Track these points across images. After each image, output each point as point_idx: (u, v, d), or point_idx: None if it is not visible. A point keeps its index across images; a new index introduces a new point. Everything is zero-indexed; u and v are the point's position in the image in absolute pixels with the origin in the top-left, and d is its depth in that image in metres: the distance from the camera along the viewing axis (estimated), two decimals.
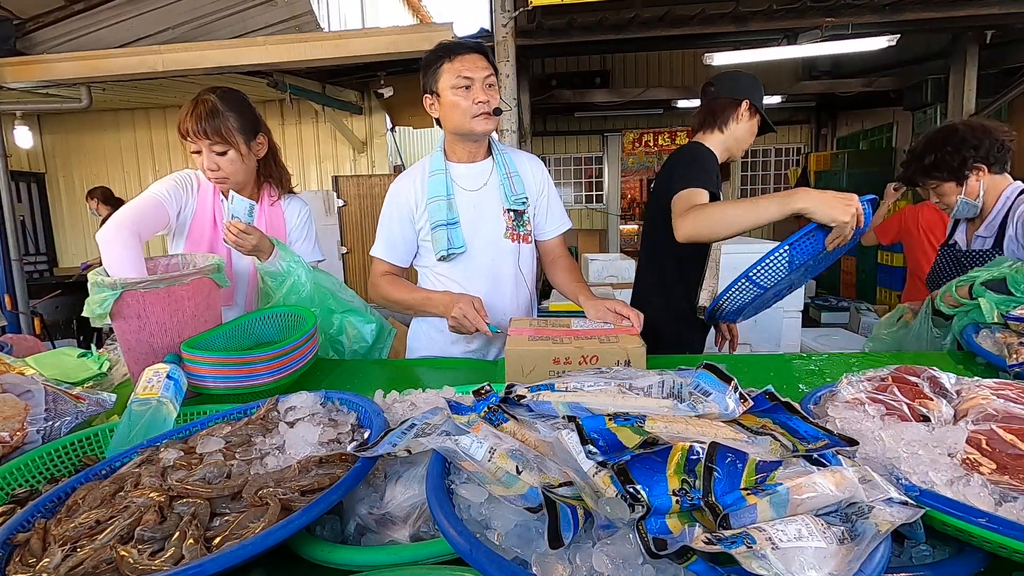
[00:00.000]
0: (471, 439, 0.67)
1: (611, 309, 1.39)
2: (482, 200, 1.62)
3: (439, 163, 1.61)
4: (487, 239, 1.62)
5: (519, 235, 1.65)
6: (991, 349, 1.23)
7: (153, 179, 1.54)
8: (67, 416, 1.00)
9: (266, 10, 4.37)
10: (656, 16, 4.21)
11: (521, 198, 1.63)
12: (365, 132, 6.50)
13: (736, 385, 0.75)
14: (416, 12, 9.89)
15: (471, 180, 1.62)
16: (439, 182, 1.58)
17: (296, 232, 1.70)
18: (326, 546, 0.65)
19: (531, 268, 1.73)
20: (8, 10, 4.46)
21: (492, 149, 1.67)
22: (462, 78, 1.47)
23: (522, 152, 1.77)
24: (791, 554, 0.45)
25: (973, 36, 5.24)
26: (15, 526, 0.66)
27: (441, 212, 1.57)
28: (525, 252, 1.68)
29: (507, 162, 1.65)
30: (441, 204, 1.57)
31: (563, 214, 1.77)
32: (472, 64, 1.48)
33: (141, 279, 1.22)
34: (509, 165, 1.64)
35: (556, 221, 1.75)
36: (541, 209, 1.72)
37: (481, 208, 1.62)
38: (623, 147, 9.35)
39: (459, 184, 1.61)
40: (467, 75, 1.47)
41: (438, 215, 1.57)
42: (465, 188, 1.61)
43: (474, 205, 1.61)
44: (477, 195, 1.62)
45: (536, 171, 1.71)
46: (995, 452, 0.66)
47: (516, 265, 1.66)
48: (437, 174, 1.60)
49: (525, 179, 1.66)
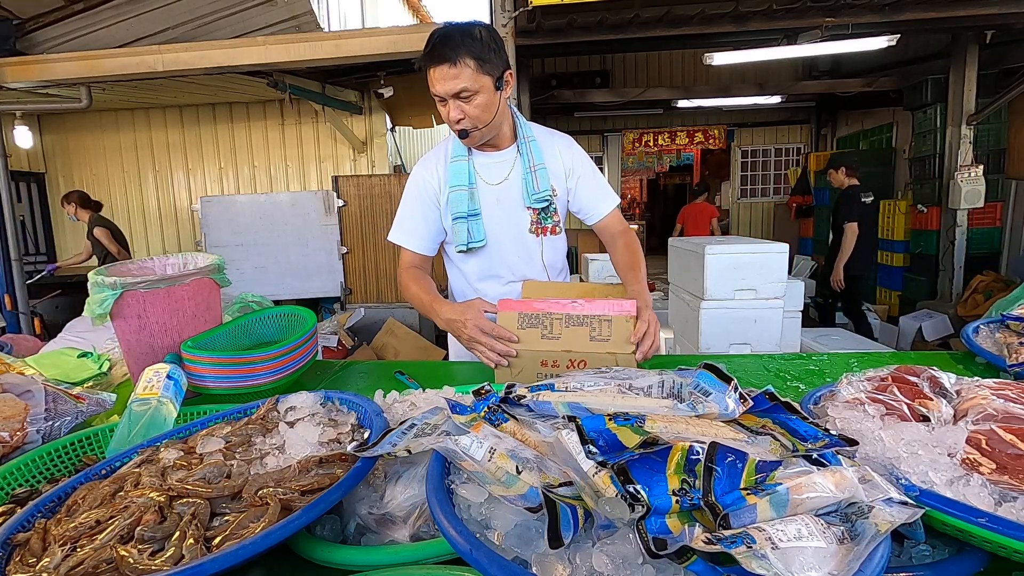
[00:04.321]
0: (471, 439, 0.67)
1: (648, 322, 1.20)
2: (505, 195, 1.54)
3: (461, 147, 1.51)
4: (510, 234, 1.56)
5: (544, 228, 1.57)
6: (991, 349, 1.23)
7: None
8: (67, 416, 1.00)
9: (266, 10, 4.37)
10: (656, 16, 4.21)
11: (543, 195, 1.52)
12: (365, 132, 6.50)
13: (736, 385, 0.75)
14: (416, 12, 9.89)
15: (493, 172, 1.54)
16: (461, 169, 1.50)
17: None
18: (326, 546, 0.65)
19: (558, 260, 1.66)
20: (8, 10, 4.46)
21: (517, 133, 1.55)
22: (435, 94, 1.37)
23: (553, 133, 1.62)
24: (791, 554, 0.45)
25: (973, 36, 5.24)
26: (15, 526, 0.66)
27: (462, 203, 1.50)
28: (549, 244, 1.60)
29: (532, 153, 1.53)
30: (462, 194, 1.50)
31: (605, 191, 1.61)
32: (440, 78, 1.34)
33: (141, 279, 1.23)
34: (535, 156, 1.53)
35: (597, 200, 1.60)
36: (577, 191, 1.58)
37: (504, 203, 1.54)
38: (623, 147, 9.34)
39: (481, 176, 1.54)
40: (436, 92, 1.36)
41: (459, 206, 1.50)
42: (487, 181, 1.54)
43: (497, 200, 1.54)
44: (499, 189, 1.54)
45: (565, 154, 1.58)
46: (995, 452, 0.66)
47: (540, 259, 1.60)
48: (459, 160, 1.51)
49: (550, 166, 1.54)
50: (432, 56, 1.33)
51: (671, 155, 12.84)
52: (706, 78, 8.20)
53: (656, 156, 12.79)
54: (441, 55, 1.32)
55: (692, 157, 12.94)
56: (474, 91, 1.35)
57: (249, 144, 6.74)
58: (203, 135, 6.77)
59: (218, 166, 6.83)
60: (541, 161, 1.53)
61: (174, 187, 6.90)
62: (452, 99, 1.36)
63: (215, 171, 6.84)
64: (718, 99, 7.67)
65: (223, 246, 5.62)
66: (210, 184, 6.85)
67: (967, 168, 5.48)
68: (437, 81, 1.34)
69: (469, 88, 1.34)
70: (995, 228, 5.90)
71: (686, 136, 9.20)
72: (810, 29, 4.45)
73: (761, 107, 8.48)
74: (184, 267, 1.41)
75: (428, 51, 1.34)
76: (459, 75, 1.33)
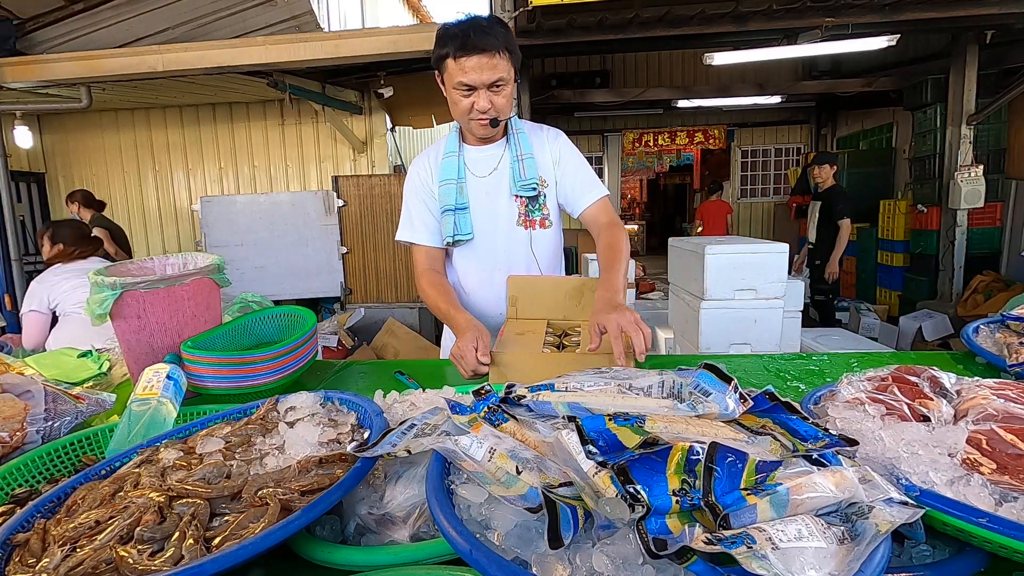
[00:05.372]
0: (471, 439, 0.67)
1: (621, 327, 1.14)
2: (493, 187, 1.56)
3: (453, 144, 1.56)
4: (499, 227, 1.57)
5: (533, 221, 1.58)
6: (991, 349, 1.23)
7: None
8: (67, 416, 1.00)
9: (266, 10, 4.37)
10: (656, 16, 4.21)
11: (530, 183, 1.53)
12: (365, 132, 6.50)
13: (736, 385, 0.75)
14: (416, 12, 9.89)
15: (482, 165, 1.57)
16: (451, 165, 1.54)
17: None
18: (326, 546, 0.65)
19: (548, 254, 1.63)
20: (8, 10, 4.45)
21: (508, 128, 1.57)
22: (462, 84, 1.37)
23: (542, 127, 1.64)
24: (791, 554, 0.45)
25: (973, 36, 5.24)
26: (15, 526, 0.66)
27: (451, 196, 1.52)
28: (539, 238, 1.60)
29: (520, 143, 1.54)
30: (451, 188, 1.53)
31: (590, 182, 1.59)
32: (477, 68, 1.34)
33: (141, 279, 1.22)
34: (522, 146, 1.54)
35: (581, 191, 1.58)
36: (562, 181, 1.58)
37: (492, 195, 1.56)
38: (623, 147, 9.35)
39: (471, 169, 1.56)
40: (467, 82, 1.36)
41: (447, 199, 1.53)
42: (476, 174, 1.56)
43: (485, 192, 1.56)
44: (487, 181, 1.56)
45: (552, 145, 1.59)
46: (995, 452, 0.66)
47: (530, 253, 1.60)
48: (450, 156, 1.55)
49: (538, 158, 1.56)
50: (467, 46, 1.34)
51: (671, 155, 12.84)
52: (706, 78, 8.20)
53: (656, 156, 12.79)
54: (479, 44, 1.34)
55: (692, 157, 12.94)
56: (507, 81, 1.39)
57: (249, 144, 6.73)
58: (203, 135, 6.77)
59: (218, 166, 6.83)
60: (529, 151, 1.55)
61: (174, 187, 6.89)
62: (485, 89, 1.37)
63: (215, 171, 6.84)
64: (718, 99, 7.68)
65: (223, 246, 5.62)
66: (210, 184, 6.85)
67: (967, 168, 5.48)
68: (472, 70, 1.35)
69: (504, 78, 1.38)
70: (995, 228, 5.90)
71: (686, 136, 9.20)
72: (810, 29, 4.45)
73: (761, 107, 8.49)
74: (184, 267, 1.41)
75: (461, 40, 1.34)
76: (497, 65, 1.36)
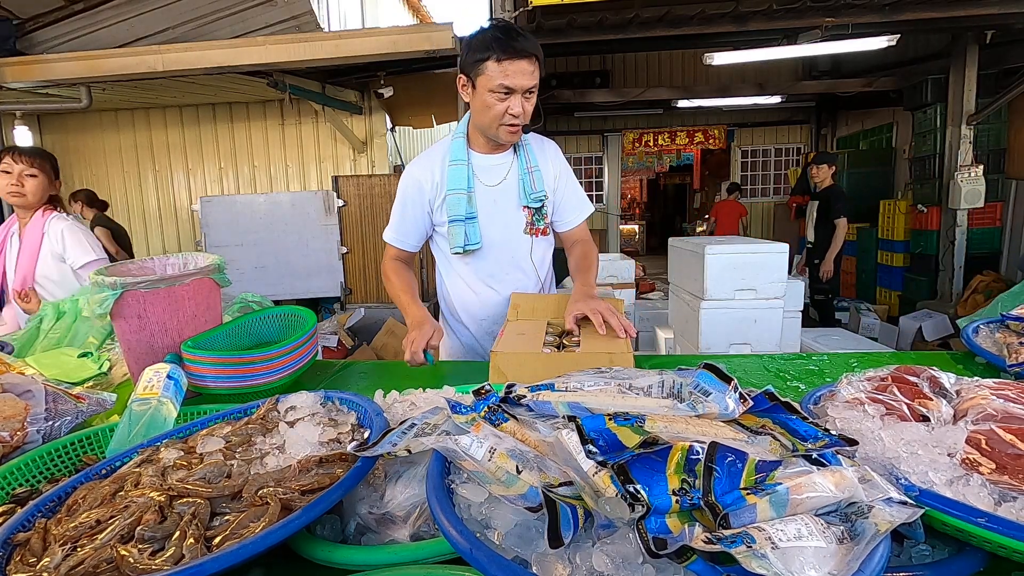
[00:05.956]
0: (471, 439, 0.67)
1: (597, 310, 1.26)
2: (501, 196, 1.57)
3: (460, 151, 1.54)
4: (505, 235, 1.59)
5: (537, 229, 1.62)
6: (991, 349, 1.23)
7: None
8: (67, 416, 1.00)
9: (266, 10, 4.37)
10: (656, 16, 4.21)
11: (540, 195, 1.57)
12: (365, 132, 6.50)
13: (736, 385, 0.75)
14: (416, 12, 9.89)
15: (491, 174, 1.57)
16: (460, 174, 1.53)
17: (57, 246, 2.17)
18: (326, 546, 0.65)
19: (545, 259, 1.70)
20: (8, 10, 4.45)
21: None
22: (503, 87, 1.37)
23: (542, 139, 1.68)
24: (791, 554, 0.45)
25: (973, 36, 5.24)
26: (15, 526, 0.66)
27: (460, 206, 1.52)
28: (538, 245, 1.65)
29: (529, 155, 1.58)
30: (461, 198, 1.52)
31: (584, 202, 1.69)
32: (519, 72, 1.36)
33: (141, 279, 1.23)
34: (531, 159, 1.57)
35: (575, 210, 1.67)
36: (559, 199, 1.65)
37: (500, 204, 1.57)
38: (623, 147, 9.35)
39: (480, 178, 1.56)
40: (510, 85, 1.37)
41: (457, 209, 1.53)
42: (485, 183, 1.57)
43: (493, 201, 1.57)
44: (496, 190, 1.57)
45: (554, 160, 1.64)
46: (995, 452, 0.66)
47: (531, 259, 1.64)
48: (457, 164, 1.53)
49: (544, 172, 1.59)
50: (513, 50, 1.36)
51: (671, 155, 12.85)
52: (706, 78, 8.20)
53: (656, 156, 12.80)
54: (523, 50, 1.36)
55: (692, 157, 12.95)
56: (536, 90, 1.43)
57: (249, 144, 6.73)
58: (203, 135, 6.76)
59: (218, 166, 6.82)
60: (536, 163, 1.58)
61: (174, 187, 6.89)
62: (520, 94, 1.39)
63: (215, 171, 6.83)
64: (718, 99, 7.67)
65: (223, 246, 5.62)
66: (210, 184, 6.84)
67: (967, 168, 5.48)
68: (515, 74, 1.36)
69: (536, 86, 1.41)
70: (995, 228, 5.91)
71: (686, 136, 9.20)
72: (810, 29, 4.45)
73: (761, 107, 8.48)
74: (184, 267, 1.41)
75: (506, 43, 1.36)
76: (535, 72, 1.40)
